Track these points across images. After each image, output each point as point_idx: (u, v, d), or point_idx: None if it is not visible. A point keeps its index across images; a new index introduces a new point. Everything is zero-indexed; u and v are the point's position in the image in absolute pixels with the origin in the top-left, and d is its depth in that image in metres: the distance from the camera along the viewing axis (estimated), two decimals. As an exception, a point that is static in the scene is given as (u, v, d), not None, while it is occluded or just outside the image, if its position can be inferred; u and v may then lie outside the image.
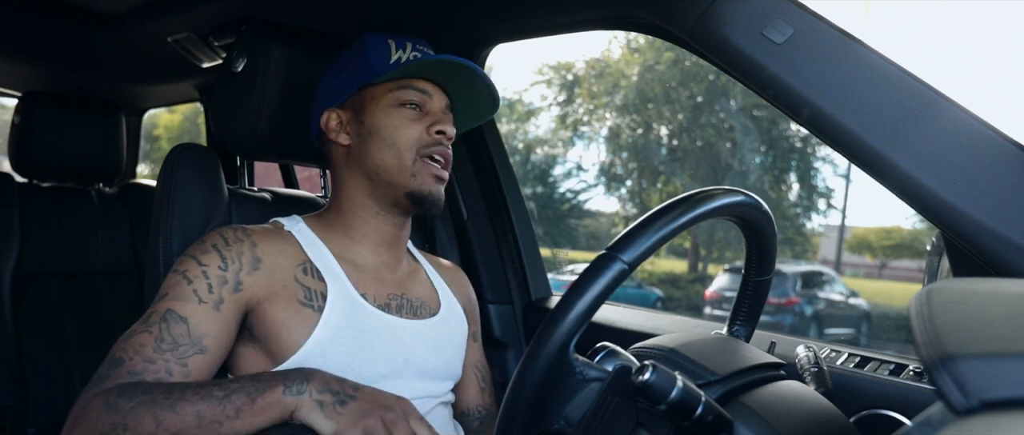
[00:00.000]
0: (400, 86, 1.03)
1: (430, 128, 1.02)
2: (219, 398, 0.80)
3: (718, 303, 11.09)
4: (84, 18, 1.66)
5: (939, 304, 0.41)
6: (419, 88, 1.03)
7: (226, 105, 1.16)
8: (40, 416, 1.65)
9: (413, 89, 1.03)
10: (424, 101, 1.04)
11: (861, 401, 1.00)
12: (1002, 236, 0.73)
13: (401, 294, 1.06)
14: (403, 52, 1.05)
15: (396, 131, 1.01)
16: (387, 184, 1.02)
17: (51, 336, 1.73)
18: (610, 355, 0.71)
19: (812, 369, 0.86)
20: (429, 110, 1.04)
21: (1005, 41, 23.28)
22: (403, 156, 1.01)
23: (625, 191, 15.56)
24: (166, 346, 0.86)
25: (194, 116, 14.00)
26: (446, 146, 1.04)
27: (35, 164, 1.87)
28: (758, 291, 0.88)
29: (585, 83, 14.83)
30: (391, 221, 1.06)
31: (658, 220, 0.67)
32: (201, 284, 0.91)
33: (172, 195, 1.08)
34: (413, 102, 1.03)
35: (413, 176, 1.01)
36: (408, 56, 1.05)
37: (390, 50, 1.05)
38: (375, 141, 1.02)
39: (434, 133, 1.02)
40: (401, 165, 1.01)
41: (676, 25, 0.96)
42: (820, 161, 14.36)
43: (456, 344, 1.10)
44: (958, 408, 0.34)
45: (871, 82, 0.80)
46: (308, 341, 0.93)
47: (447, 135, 1.03)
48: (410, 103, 1.03)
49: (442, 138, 1.02)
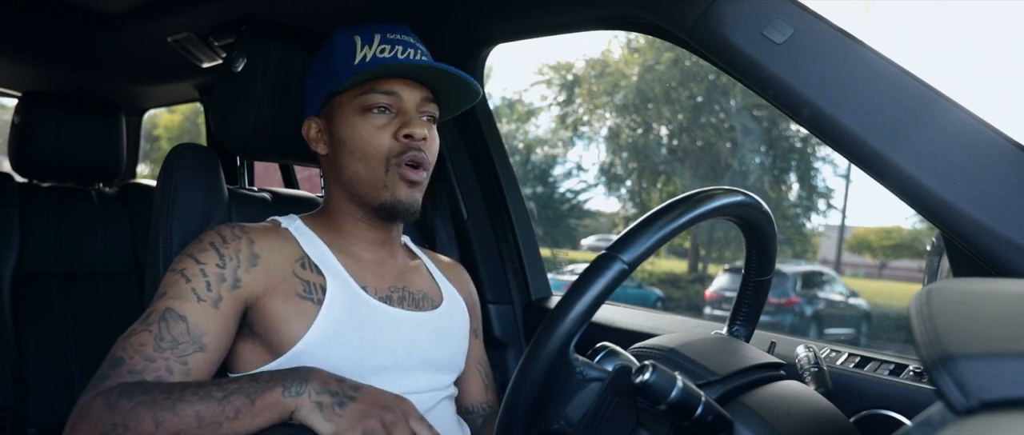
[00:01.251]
0: (364, 91, 0.98)
1: (399, 133, 0.98)
2: (219, 399, 0.80)
3: (718, 303, 11.08)
4: (84, 18, 1.66)
5: (939, 304, 0.41)
6: (385, 90, 0.98)
7: (226, 105, 1.16)
8: (40, 416, 1.65)
9: (378, 92, 0.98)
10: (392, 102, 0.99)
11: (861, 401, 1.00)
12: (1002, 236, 0.73)
13: (402, 286, 1.06)
14: (369, 48, 0.99)
15: (363, 142, 0.98)
16: (362, 195, 1.01)
17: (51, 336, 1.73)
18: (610, 355, 0.71)
19: (812, 369, 0.86)
20: (399, 109, 0.99)
21: (1005, 41, 23.29)
22: (374, 168, 0.98)
23: (625, 191, 15.57)
24: (166, 344, 0.86)
25: (194, 116, 14.00)
26: (418, 148, 0.98)
27: (35, 164, 1.87)
28: (758, 291, 0.88)
29: (585, 83, 14.83)
30: (378, 225, 1.05)
31: (658, 220, 0.67)
32: (199, 282, 0.91)
33: (172, 195, 1.09)
34: (380, 105, 0.98)
35: (385, 187, 0.99)
36: (374, 51, 0.99)
37: (355, 47, 1.00)
38: (345, 153, 1.00)
39: (403, 138, 0.98)
40: (373, 176, 0.99)
41: (676, 25, 0.96)
42: (820, 161, 14.38)
43: (459, 336, 1.10)
44: (958, 408, 0.34)
45: (871, 82, 0.81)
46: (307, 334, 0.93)
47: (416, 137, 0.98)
48: (377, 107, 0.98)
49: (411, 142, 0.98)
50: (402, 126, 0.98)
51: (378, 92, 0.98)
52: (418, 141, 0.98)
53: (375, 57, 0.99)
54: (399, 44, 1.00)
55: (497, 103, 15.75)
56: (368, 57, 0.99)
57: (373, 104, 0.98)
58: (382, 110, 0.99)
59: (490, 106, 1.52)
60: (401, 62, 0.97)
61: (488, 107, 1.51)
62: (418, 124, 0.98)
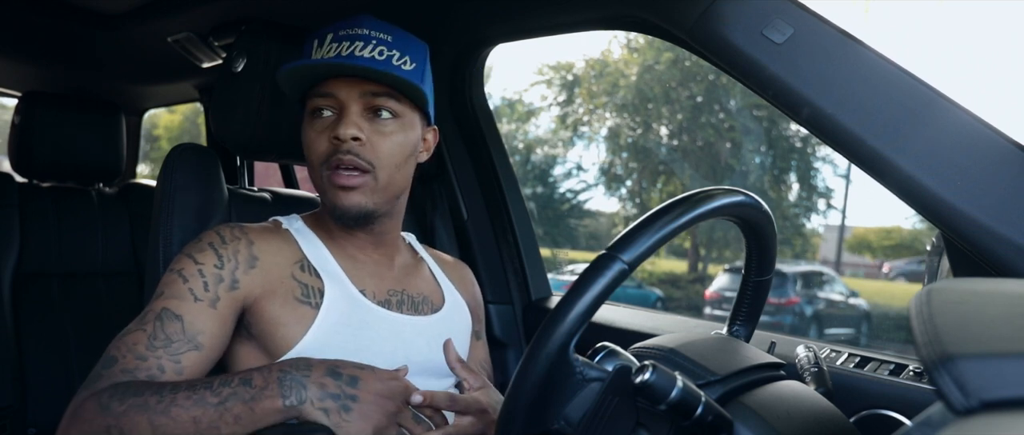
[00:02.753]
0: (311, 95, 0.96)
1: (329, 135, 0.94)
2: (214, 405, 0.79)
3: (718, 303, 11.08)
4: (84, 18, 1.66)
5: (939, 304, 0.41)
6: (322, 92, 0.95)
7: (226, 105, 1.16)
8: (40, 416, 1.65)
9: (317, 95, 0.95)
10: (331, 104, 0.95)
11: (861, 401, 0.99)
12: (1002, 236, 0.73)
13: (402, 290, 1.06)
14: (321, 49, 0.95)
15: (308, 149, 0.97)
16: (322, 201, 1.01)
17: (51, 336, 1.73)
18: (610, 355, 0.71)
19: (812, 369, 0.86)
20: (340, 110, 0.95)
21: (1005, 41, 23.29)
22: (316, 175, 0.98)
23: (625, 191, 15.57)
24: (159, 343, 0.86)
25: (194, 116, 14.00)
26: (346, 150, 0.93)
27: (35, 164, 1.87)
28: (758, 291, 0.88)
29: (585, 83, 14.82)
30: (355, 229, 1.03)
31: (658, 220, 0.67)
32: (197, 282, 0.91)
33: (172, 195, 1.09)
34: (319, 108, 0.95)
35: (325, 193, 0.97)
36: (323, 52, 0.94)
37: (312, 50, 0.96)
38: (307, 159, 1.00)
39: (332, 140, 0.94)
40: (319, 184, 0.98)
41: (676, 25, 0.96)
42: (820, 161, 14.37)
43: (459, 341, 1.09)
44: (958, 408, 0.34)
45: (871, 82, 0.81)
46: (304, 338, 0.92)
47: (341, 138, 0.92)
48: (317, 109, 0.96)
49: (339, 144, 0.93)
50: (331, 127, 0.95)
51: (317, 95, 0.96)
52: (346, 142, 0.93)
53: (323, 58, 0.94)
54: (346, 39, 0.94)
55: (497, 103, 15.76)
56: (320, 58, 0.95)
57: (315, 107, 0.96)
58: (323, 112, 0.96)
59: (490, 106, 1.52)
60: (333, 61, 0.92)
61: (488, 107, 1.51)
62: (348, 124, 0.93)
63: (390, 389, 0.84)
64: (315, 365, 0.83)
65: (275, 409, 0.79)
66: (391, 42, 0.96)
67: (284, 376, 0.81)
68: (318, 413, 0.80)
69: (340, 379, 0.83)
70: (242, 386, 0.81)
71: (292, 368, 0.82)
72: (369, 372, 0.85)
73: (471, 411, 0.89)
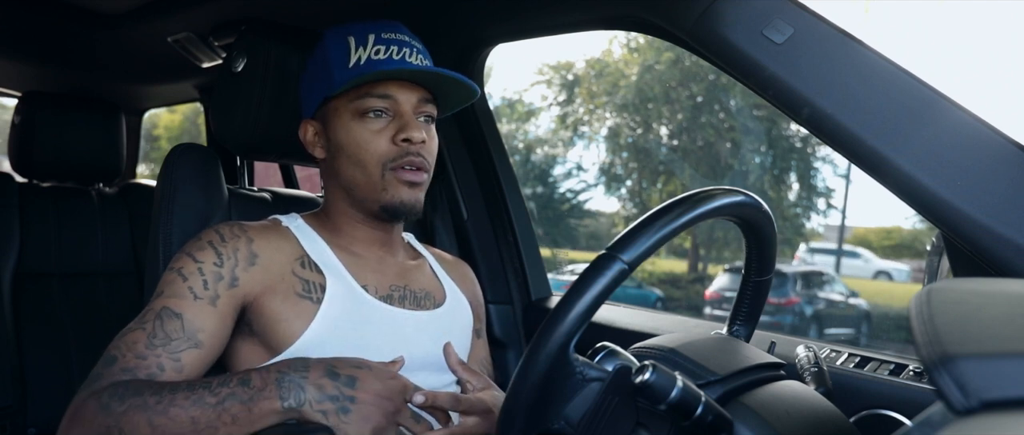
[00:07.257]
0: (360, 95, 0.97)
1: (396, 137, 0.97)
2: (212, 405, 0.79)
3: (718, 303, 11.08)
4: (84, 18, 1.66)
5: (939, 304, 0.41)
6: (380, 93, 0.97)
7: (226, 105, 1.16)
8: (40, 416, 1.65)
9: (374, 96, 0.97)
10: (388, 106, 0.98)
11: (861, 401, 0.99)
12: (1002, 236, 0.73)
13: (404, 285, 1.06)
14: (363, 49, 0.98)
15: (360, 148, 0.97)
16: (362, 198, 1.01)
17: (51, 336, 1.73)
18: (610, 355, 0.71)
19: (812, 369, 0.86)
20: (396, 113, 0.98)
21: (1005, 41, 23.30)
22: (371, 173, 0.98)
23: (625, 191, 15.56)
24: (158, 342, 0.86)
25: (194, 116, 13.99)
26: (417, 152, 0.97)
27: (35, 164, 1.87)
28: (758, 291, 0.88)
29: (585, 83, 14.82)
30: (377, 226, 1.05)
31: (658, 220, 0.67)
32: (196, 281, 0.91)
33: (172, 195, 1.08)
34: (376, 109, 0.97)
35: (384, 190, 0.98)
36: (369, 53, 0.97)
37: (349, 49, 0.98)
38: (342, 158, 0.99)
39: (400, 142, 0.97)
40: (371, 181, 0.98)
41: (676, 25, 0.96)
42: (820, 161, 14.36)
43: (461, 336, 1.09)
44: (958, 408, 0.34)
45: (871, 82, 0.81)
46: (306, 332, 0.92)
47: (413, 142, 0.96)
48: (373, 111, 0.97)
49: (409, 146, 0.97)
50: (400, 130, 0.97)
51: (374, 96, 0.97)
52: (417, 145, 0.97)
53: (370, 59, 0.97)
54: (394, 44, 0.99)
55: (497, 103, 15.76)
56: (363, 59, 0.97)
57: (369, 108, 0.97)
58: (379, 114, 0.98)
59: (490, 106, 1.52)
60: (397, 65, 0.96)
61: (488, 107, 1.51)
62: (416, 127, 0.97)
63: (389, 389, 0.84)
64: (313, 366, 0.83)
65: (273, 410, 0.80)
66: (423, 49, 1.03)
67: (282, 377, 0.81)
68: (317, 414, 0.80)
69: (338, 380, 0.83)
70: (240, 387, 0.81)
71: (290, 369, 0.82)
72: (367, 371, 0.85)
73: (476, 411, 0.89)
